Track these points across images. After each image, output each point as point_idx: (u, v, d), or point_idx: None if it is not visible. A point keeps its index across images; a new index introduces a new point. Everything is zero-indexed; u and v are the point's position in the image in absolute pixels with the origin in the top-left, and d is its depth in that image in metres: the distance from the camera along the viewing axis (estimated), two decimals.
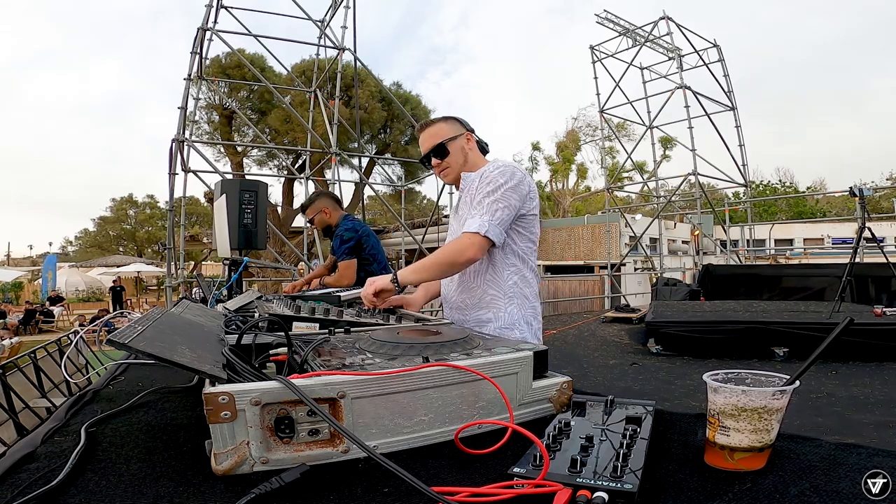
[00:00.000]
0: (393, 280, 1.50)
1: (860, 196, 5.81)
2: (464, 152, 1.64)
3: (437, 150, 1.62)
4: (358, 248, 3.03)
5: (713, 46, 12.94)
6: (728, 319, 5.79)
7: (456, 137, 1.63)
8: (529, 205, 1.55)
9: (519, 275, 1.58)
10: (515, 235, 1.57)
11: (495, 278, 1.57)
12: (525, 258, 1.59)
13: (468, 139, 1.65)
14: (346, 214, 3.25)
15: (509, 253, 1.57)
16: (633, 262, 14.57)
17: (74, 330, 2.15)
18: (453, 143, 1.63)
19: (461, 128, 1.66)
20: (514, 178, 1.50)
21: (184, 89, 7.09)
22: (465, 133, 1.65)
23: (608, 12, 12.57)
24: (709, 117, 12.17)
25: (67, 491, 0.62)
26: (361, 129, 12.04)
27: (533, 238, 1.61)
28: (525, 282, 1.60)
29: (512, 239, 1.56)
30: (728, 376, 0.69)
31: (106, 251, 30.06)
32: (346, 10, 8.65)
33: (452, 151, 1.63)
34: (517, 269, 1.58)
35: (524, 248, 1.59)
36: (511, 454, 0.70)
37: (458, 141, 1.63)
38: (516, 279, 1.58)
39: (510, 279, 1.57)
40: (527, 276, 1.60)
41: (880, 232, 10.85)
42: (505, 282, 1.57)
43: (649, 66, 13.32)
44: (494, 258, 1.56)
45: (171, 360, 0.67)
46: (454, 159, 1.64)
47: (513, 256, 1.57)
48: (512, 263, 1.57)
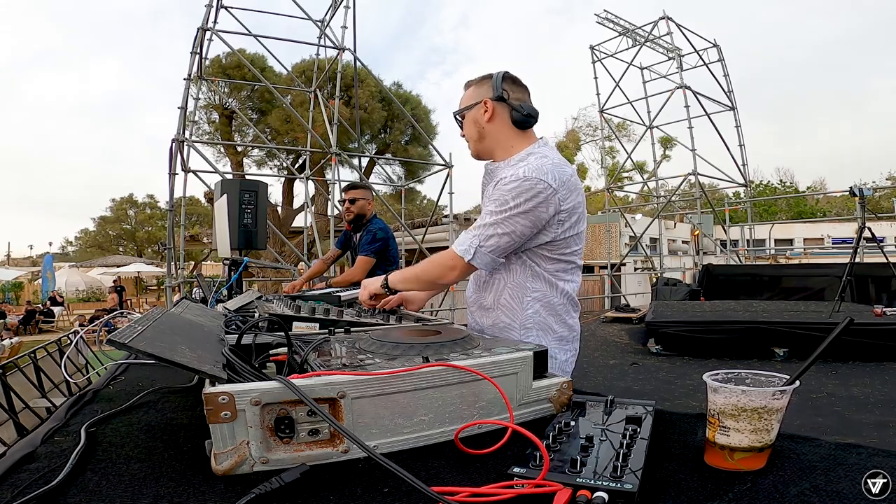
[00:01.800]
0: (384, 286, 1.47)
1: (860, 196, 5.81)
2: (477, 126, 1.37)
3: (457, 119, 1.44)
4: (384, 250, 3.13)
5: (713, 46, 12.93)
6: (728, 319, 5.79)
7: (471, 107, 1.37)
8: (559, 230, 1.26)
9: (543, 302, 1.33)
10: (540, 259, 1.31)
11: (511, 305, 1.34)
12: (554, 282, 1.32)
13: (486, 110, 1.35)
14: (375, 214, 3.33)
15: (530, 276, 1.32)
16: (633, 262, 14.56)
17: (74, 330, 2.15)
18: (468, 115, 1.39)
19: (487, 92, 1.35)
20: (529, 199, 1.21)
21: (184, 89, 7.09)
22: (480, 103, 1.35)
23: (608, 12, 12.57)
24: (709, 117, 12.16)
25: (67, 491, 0.62)
26: (361, 129, 12.04)
27: (568, 258, 1.32)
28: (550, 310, 1.33)
29: (535, 262, 1.31)
30: (728, 376, 0.69)
31: (106, 251, 30.05)
32: (346, 10, 8.65)
33: (466, 124, 1.41)
34: (542, 294, 1.32)
35: (553, 270, 1.32)
36: (511, 454, 0.70)
37: (473, 112, 1.37)
38: (538, 307, 1.33)
39: (530, 307, 1.32)
40: (554, 302, 1.33)
41: (880, 232, 10.84)
42: (523, 311, 1.32)
43: (649, 66, 13.31)
44: (512, 280, 1.33)
45: (171, 360, 0.67)
46: (467, 132, 1.41)
47: (537, 281, 1.32)
48: (535, 289, 1.32)
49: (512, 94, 1.36)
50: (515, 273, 1.33)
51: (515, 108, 1.34)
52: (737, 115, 12.78)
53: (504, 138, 1.37)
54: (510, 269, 1.34)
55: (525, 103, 1.37)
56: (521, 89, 1.39)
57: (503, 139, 1.37)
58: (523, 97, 1.39)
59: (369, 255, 3.06)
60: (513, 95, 1.36)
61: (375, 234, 3.10)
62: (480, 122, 1.37)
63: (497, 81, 1.35)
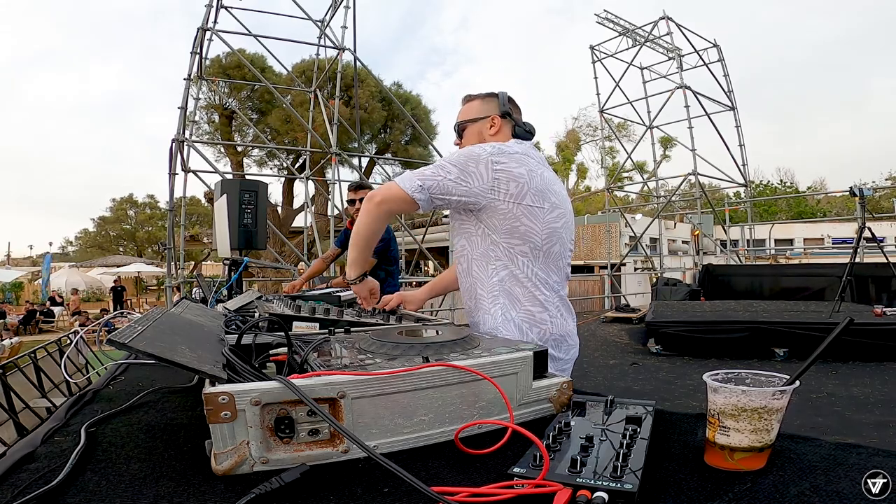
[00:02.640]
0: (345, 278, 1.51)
1: (860, 196, 5.81)
2: (480, 137, 1.47)
3: (457, 129, 1.52)
4: (385, 250, 3.19)
5: (713, 46, 12.94)
6: (728, 319, 5.79)
7: (477, 120, 1.48)
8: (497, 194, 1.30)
9: (507, 270, 1.37)
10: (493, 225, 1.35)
11: (479, 275, 1.40)
12: (513, 255, 1.36)
13: (492, 124, 1.46)
14: None
15: (490, 244, 1.37)
16: (633, 262, 14.56)
17: (74, 330, 2.15)
18: (472, 126, 1.49)
19: (494, 108, 1.47)
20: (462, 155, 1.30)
21: (184, 89, 7.09)
22: (490, 117, 1.47)
23: (608, 12, 12.58)
24: (709, 117, 12.17)
25: (67, 491, 0.62)
26: (361, 129, 12.04)
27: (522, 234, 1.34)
28: (515, 280, 1.37)
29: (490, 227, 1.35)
30: (728, 376, 0.69)
31: (106, 251, 30.05)
32: (346, 10, 8.66)
33: (467, 135, 1.49)
34: (503, 264, 1.37)
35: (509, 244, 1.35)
36: (511, 454, 0.70)
37: (479, 125, 1.48)
38: (503, 275, 1.37)
39: (495, 275, 1.37)
40: (517, 274, 1.37)
41: (880, 232, 10.85)
42: (489, 278, 1.38)
43: (649, 66, 13.32)
44: (476, 251, 1.39)
45: (171, 360, 0.67)
46: (467, 142, 1.48)
47: (496, 249, 1.36)
48: (497, 258, 1.37)
49: (514, 113, 1.50)
50: (477, 244, 1.39)
51: (519, 124, 1.48)
52: (737, 115, 12.80)
53: None
54: (472, 241, 1.40)
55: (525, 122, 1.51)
56: (518, 109, 1.53)
57: None
58: (520, 116, 1.53)
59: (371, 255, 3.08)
60: (514, 114, 1.50)
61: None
62: (484, 135, 1.48)
63: (504, 99, 1.49)
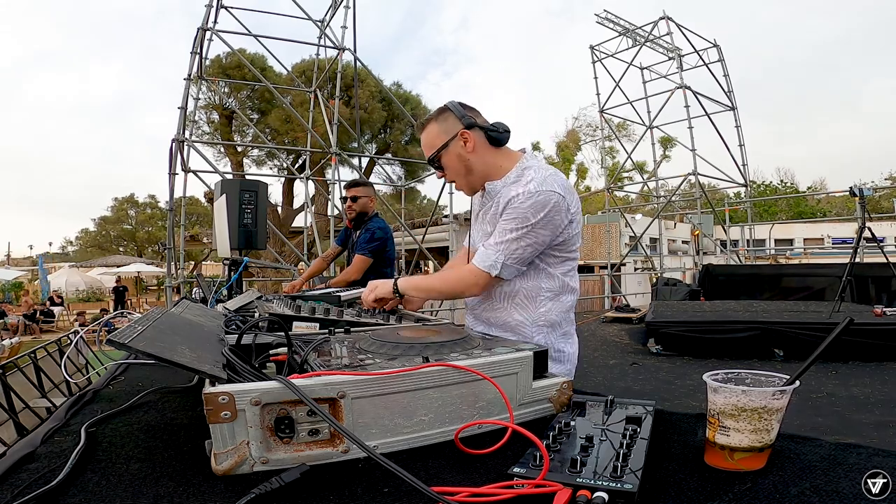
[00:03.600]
0: (395, 290, 1.43)
1: (860, 196, 5.81)
2: (462, 160, 1.36)
3: (433, 162, 1.40)
4: (381, 251, 3.09)
5: (713, 46, 12.93)
6: (728, 319, 5.79)
7: (448, 143, 1.36)
8: (569, 231, 1.33)
9: (555, 300, 1.39)
10: (552, 260, 1.37)
11: (525, 304, 1.39)
12: (565, 282, 1.40)
13: (465, 140, 1.34)
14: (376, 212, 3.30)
15: (544, 278, 1.38)
16: (633, 262, 14.56)
17: (74, 330, 2.15)
18: (446, 153, 1.37)
19: (455, 125, 1.35)
20: (547, 210, 1.26)
21: (184, 89, 7.09)
22: (458, 133, 1.34)
23: (608, 12, 12.56)
24: (709, 117, 12.16)
25: (67, 491, 0.62)
26: (361, 129, 12.04)
27: (573, 257, 1.40)
28: (559, 305, 1.40)
29: (547, 264, 1.37)
30: (728, 376, 0.69)
31: (106, 251, 30.04)
32: (346, 11, 8.65)
33: (447, 163, 1.38)
34: (553, 294, 1.39)
35: (563, 270, 1.39)
36: (511, 454, 0.70)
37: (452, 148, 1.36)
38: (550, 305, 1.39)
39: (543, 306, 1.38)
40: (562, 299, 1.41)
41: (880, 232, 10.85)
42: (536, 309, 1.38)
43: (649, 66, 13.31)
44: (527, 282, 1.38)
45: (171, 360, 0.67)
46: (453, 171, 1.40)
47: (550, 280, 1.38)
48: (549, 289, 1.38)
49: (477, 119, 1.38)
50: (529, 276, 1.37)
51: (490, 128, 1.36)
52: (737, 115, 12.79)
53: (491, 162, 1.38)
54: (524, 274, 1.37)
55: (493, 122, 1.39)
56: (477, 111, 1.41)
57: (491, 163, 1.38)
58: (484, 119, 1.40)
59: (366, 254, 3.03)
60: (478, 119, 1.38)
61: (374, 233, 3.07)
62: (464, 155, 1.36)
63: (458, 110, 1.36)
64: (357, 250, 3.09)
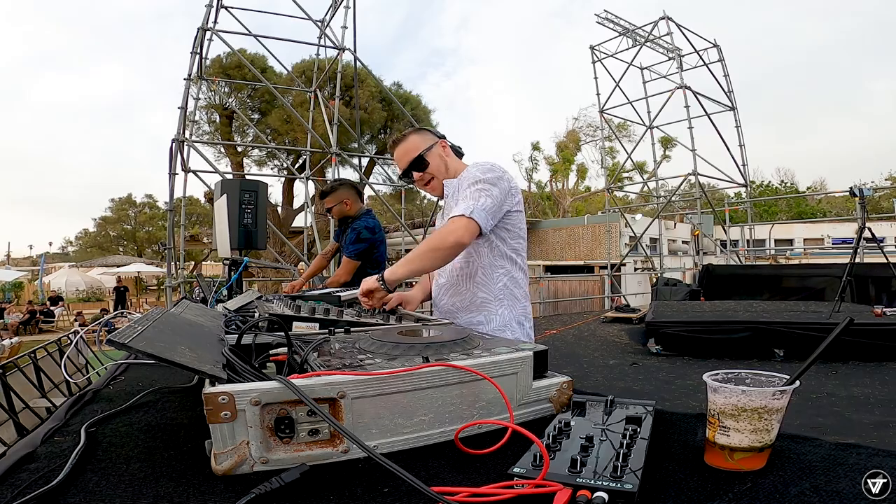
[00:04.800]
0: (379, 279, 1.46)
1: (860, 196, 5.81)
2: (442, 160, 1.63)
3: (416, 163, 1.61)
4: (369, 252, 2.97)
5: (713, 46, 12.94)
6: (728, 319, 5.79)
7: (432, 147, 1.62)
8: (511, 201, 1.53)
9: (509, 276, 1.57)
10: (504, 234, 1.55)
11: (485, 281, 1.56)
12: (514, 259, 1.58)
13: (443, 146, 1.64)
14: (368, 209, 3.17)
15: (498, 255, 1.56)
16: (633, 262, 14.56)
17: (74, 330, 2.15)
18: (430, 153, 1.61)
19: (433, 137, 1.65)
20: (493, 172, 1.50)
21: (184, 89, 7.09)
22: (438, 141, 1.64)
23: (608, 12, 12.57)
24: (709, 117, 12.17)
25: (67, 491, 0.62)
26: (361, 129, 12.04)
27: (521, 235, 1.60)
28: (515, 283, 1.59)
29: (501, 238, 1.55)
30: (728, 376, 0.69)
31: (106, 251, 30.05)
32: (346, 11, 8.66)
33: (432, 162, 1.62)
34: (506, 270, 1.57)
35: (513, 248, 1.58)
36: (511, 454, 0.70)
37: (435, 150, 1.62)
38: (506, 281, 1.57)
39: (500, 281, 1.56)
40: (516, 276, 1.59)
41: (880, 232, 10.84)
42: (495, 284, 1.56)
43: (649, 66, 13.32)
44: (483, 260, 1.56)
45: (171, 360, 0.67)
46: (436, 169, 1.62)
47: (502, 258, 1.56)
48: (501, 265, 1.56)
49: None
50: (484, 255, 1.56)
51: (453, 144, 1.70)
52: (737, 116, 12.79)
53: (458, 167, 1.67)
54: (479, 253, 1.56)
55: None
56: None
57: (458, 167, 1.67)
58: None
59: (352, 256, 2.93)
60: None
61: (360, 234, 2.95)
62: (444, 158, 1.64)
63: (433, 129, 1.71)
64: (344, 251, 3.02)
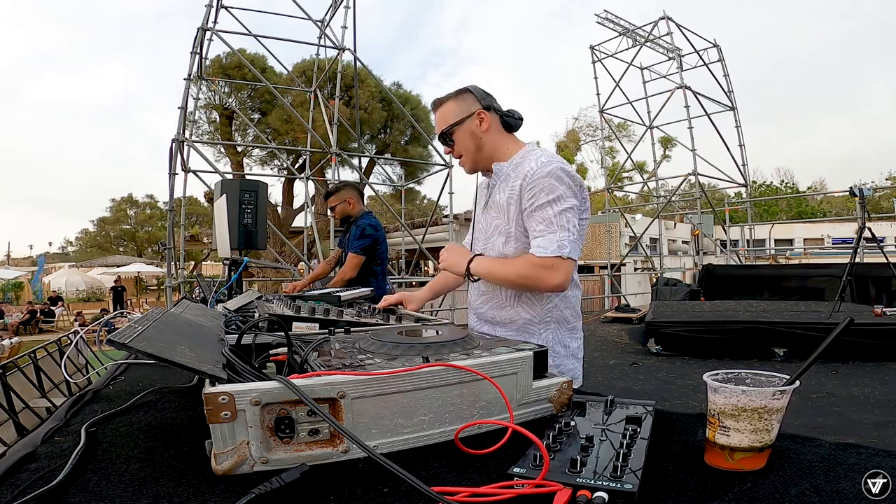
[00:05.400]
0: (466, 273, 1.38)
1: (860, 196, 5.80)
2: (474, 138, 1.39)
3: (443, 137, 1.42)
4: (372, 248, 3.12)
5: (713, 46, 12.93)
6: (728, 319, 5.79)
7: (464, 121, 1.39)
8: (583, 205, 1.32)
9: (561, 295, 1.37)
10: None
11: (532, 302, 1.37)
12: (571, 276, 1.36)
13: (481, 119, 1.38)
14: (368, 211, 3.32)
15: None
16: (633, 262, 14.55)
17: (74, 330, 2.15)
18: (460, 129, 1.39)
19: (474, 104, 1.39)
20: (573, 180, 1.28)
21: (184, 89, 7.09)
22: (476, 112, 1.38)
23: (608, 12, 12.56)
24: (709, 117, 12.16)
25: (67, 491, 0.62)
26: (361, 129, 12.04)
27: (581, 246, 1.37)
28: (566, 302, 1.39)
29: None
30: (728, 376, 0.69)
31: (106, 251, 30.05)
32: (346, 11, 8.65)
33: (459, 139, 1.40)
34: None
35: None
36: (511, 454, 0.70)
37: (467, 125, 1.39)
38: (556, 301, 1.37)
39: (549, 302, 1.37)
40: (569, 294, 1.39)
41: (880, 232, 10.85)
42: (543, 305, 1.37)
43: (649, 66, 13.30)
44: None
45: (171, 360, 0.67)
46: (463, 146, 1.41)
47: None
48: None
49: (494, 103, 1.43)
50: None
51: (506, 113, 1.41)
52: (737, 116, 12.78)
53: (501, 144, 1.42)
54: None
55: (508, 109, 1.43)
56: (493, 98, 1.45)
57: (500, 145, 1.42)
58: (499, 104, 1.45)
59: (357, 251, 3.07)
60: (495, 104, 1.43)
61: (364, 230, 3.11)
62: (477, 133, 1.40)
63: (480, 93, 1.41)
64: (350, 248, 3.15)
